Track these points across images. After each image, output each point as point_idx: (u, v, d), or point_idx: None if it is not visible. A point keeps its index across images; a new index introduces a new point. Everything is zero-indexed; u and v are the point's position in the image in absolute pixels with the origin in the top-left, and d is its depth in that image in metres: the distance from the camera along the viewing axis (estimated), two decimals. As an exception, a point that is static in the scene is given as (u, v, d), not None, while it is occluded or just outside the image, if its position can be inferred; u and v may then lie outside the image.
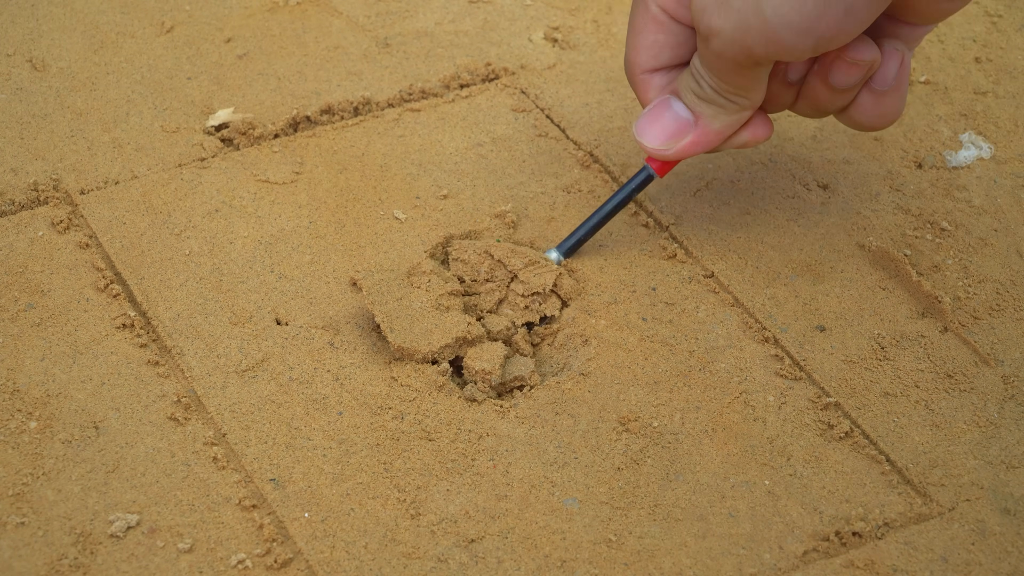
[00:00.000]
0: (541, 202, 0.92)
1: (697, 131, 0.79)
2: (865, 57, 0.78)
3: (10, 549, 0.72)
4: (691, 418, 0.80)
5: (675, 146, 0.80)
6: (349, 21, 1.07)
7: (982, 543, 0.74)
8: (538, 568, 0.72)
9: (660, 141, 0.80)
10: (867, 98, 0.81)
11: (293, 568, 0.72)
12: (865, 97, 0.81)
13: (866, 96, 0.81)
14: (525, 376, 0.82)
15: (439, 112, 0.99)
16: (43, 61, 1.02)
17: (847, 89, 0.80)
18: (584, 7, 1.09)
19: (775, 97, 0.81)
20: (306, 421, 0.78)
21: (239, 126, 0.96)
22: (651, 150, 0.80)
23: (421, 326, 0.82)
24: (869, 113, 0.81)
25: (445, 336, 0.81)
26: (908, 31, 0.80)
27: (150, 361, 0.81)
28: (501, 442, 0.78)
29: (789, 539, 0.74)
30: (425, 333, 0.81)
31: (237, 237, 0.89)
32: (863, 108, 0.81)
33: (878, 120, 0.82)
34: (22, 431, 0.77)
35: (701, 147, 0.80)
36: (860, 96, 0.81)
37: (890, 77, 0.80)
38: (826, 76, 0.79)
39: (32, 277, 0.86)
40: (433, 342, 0.81)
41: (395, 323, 0.82)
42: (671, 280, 0.87)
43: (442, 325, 0.82)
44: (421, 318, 0.82)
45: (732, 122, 0.79)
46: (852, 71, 0.78)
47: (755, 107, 0.80)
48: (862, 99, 0.81)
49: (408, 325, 0.82)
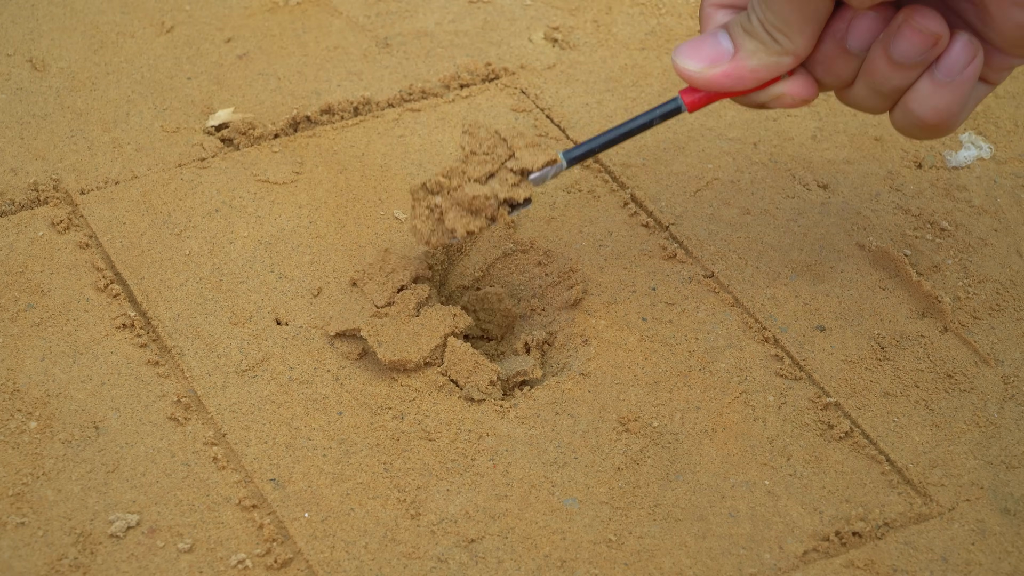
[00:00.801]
0: (541, 202, 0.92)
1: (732, 63, 0.76)
2: (932, 27, 0.73)
3: (10, 549, 0.72)
4: (691, 418, 0.80)
5: (708, 72, 0.76)
6: (349, 21, 1.07)
7: (982, 543, 0.74)
8: (538, 568, 0.72)
9: (694, 63, 0.77)
10: (926, 85, 0.75)
11: (293, 568, 0.72)
12: (925, 84, 0.75)
13: (926, 83, 0.75)
14: (528, 371, 0.82)
15: (439, 112, 0.99)
16: (43, 61, 1.02)
17: (909, 66, 0.74)
18: (584, 7, 1.09)
19: (833, 65, 0.77)
20: (306, 421, 0.78)
21: (239, 126, 0.96)
22: (682, 70, 0.77)
23: (408, 331, 0.82)
24: (925, 104, 0.75)
25: (433, 337, 0.81)
26: (994, 56, 0.76)
27: (150, 361, 0.81)
28: (501, 442, 0.78)
29: (789, 539, 0.74)
30: (413, 338, 0.81)
31: (237, 237, 0.89)
32: (921, 96, 0.75)
33: (932, 114, 0.75)
34: (22, 431, 0.77)
35: (732, 80, 0.77)
36: (920, 81, 0.75)
37: (956, 67, 0.74)
38: (888, 47, 0.74)
39: (32, 277, 0.86)
40: (423, 347, 0.81)
41: (382, 335, 0.81)
42: (671, 280, 0.87)
43: (428, 324, 0.82)
44: (406, 322, 0.82)
45: (769, 64, 0.76)
46: (916, 40, 0.73)
47: (798, 56, 0.76)
48: (921, 85, 0.75)
49: (395, 335, 0.81)
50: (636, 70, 1.03)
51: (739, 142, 0.97)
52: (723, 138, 0.97)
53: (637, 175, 0.94)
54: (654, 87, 1.02)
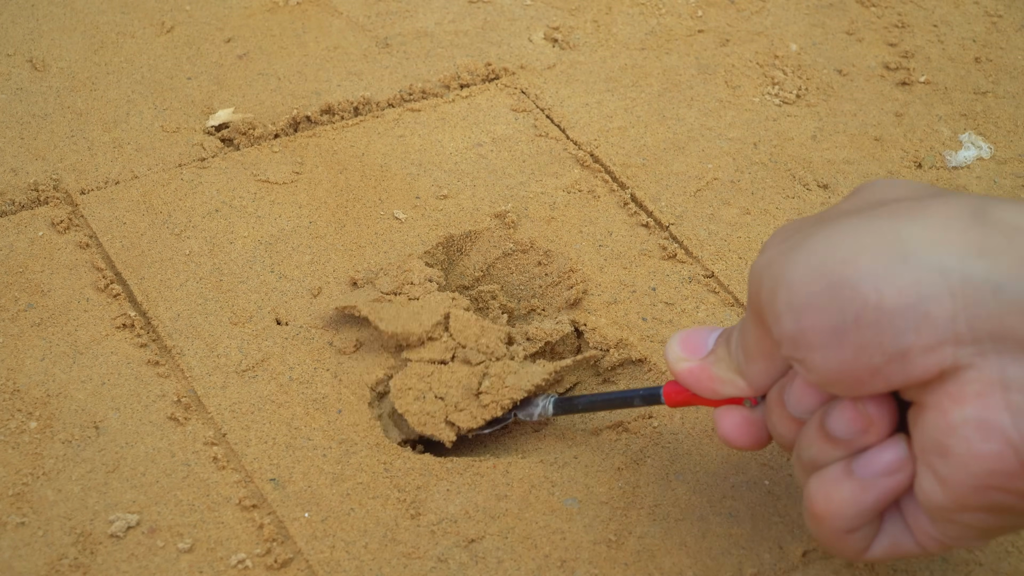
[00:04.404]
0: (541, 202, 0.92)
1: (700, 362, 0.70)
2: (871, 411, 0.63)
3: (10, 549, 0.72)
4: (691, 418, 0.80)
5: (679, 363, 0.70)
6: (349, 21, 1.07)
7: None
8: (538, 568, 0.72)
9: (676, 348, 0.70)
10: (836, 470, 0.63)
11: (293, 568, 0.72)
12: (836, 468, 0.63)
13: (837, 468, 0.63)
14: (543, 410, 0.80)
15: (439, 112, 0.99)
16: (43, 61, 1.02)
17: (833, 439, 0.63)
18: (584, 7, 1.09)
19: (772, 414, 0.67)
20: (306, 421, 0.78)
21: (239, 126, 0.96)
22: (666, 349, 0.71)
23: (408, 310, 0.82)
24: (823, 486, 0.64)
25: (434, 314, 0.82)
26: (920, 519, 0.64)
27: (150, 361, 0.81)
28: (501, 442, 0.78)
29: (789, 539, 0.74)
30: (414, 315, 0.82)
31: (237, 237, 0.89)
32: (825, 478, 0.64)
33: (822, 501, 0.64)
34: (22, 431, 0.77)
35: (692, 378, 0.69)
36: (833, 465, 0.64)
37: (874, 465, 0.63)
38: (825, 412, 0.64)
39: (32, 277, 0.86)
40: (424, 322, 0.81)
41: (382, 314, 0.82)
42: (671, 280, 0.87)
43: (427, 306, 0.82)
44: (404, 305, 0.83)
45: (725, 379, 0.68)
46: (848, 416, 0.63)
47: (751, 383, 0.67)
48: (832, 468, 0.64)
49: (395, 314, 0.82)
50: (636, 70, 1.03)
51: (739, 142, 0.97)
52: (723, 138, 0.97)
53: (637, 175, 0.94)
54: (654, 87, 1.02)
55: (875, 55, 1.06)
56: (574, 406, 0.78)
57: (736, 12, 1.09)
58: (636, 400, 0.75)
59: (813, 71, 1.04)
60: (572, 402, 0.78)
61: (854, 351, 0.60)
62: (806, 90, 1.02)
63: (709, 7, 1.10)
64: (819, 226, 0.63)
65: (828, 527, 0.64)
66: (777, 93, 1.02)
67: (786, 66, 1.04)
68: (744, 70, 1.04)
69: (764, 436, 0.68)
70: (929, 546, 0.63)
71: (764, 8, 1.10)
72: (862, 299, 0.59)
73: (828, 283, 0.60)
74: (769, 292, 0.62)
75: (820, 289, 0.60)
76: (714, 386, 0.68)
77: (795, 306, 0.61)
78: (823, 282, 0.60)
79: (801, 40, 1.07)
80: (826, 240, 0.61)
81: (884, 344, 0.59)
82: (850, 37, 1.07)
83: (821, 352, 0.61)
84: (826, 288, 0.60)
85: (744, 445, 0.69)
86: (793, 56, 1.05)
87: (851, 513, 0.63)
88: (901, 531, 0.64)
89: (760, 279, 0.63)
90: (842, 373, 0.61)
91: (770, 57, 1.05)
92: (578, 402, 0.78)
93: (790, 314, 0.61)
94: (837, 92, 1.02)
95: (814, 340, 0.61)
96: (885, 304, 0.59)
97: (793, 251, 0.62)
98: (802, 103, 1.01)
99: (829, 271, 0.60)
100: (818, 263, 0.61)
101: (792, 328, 0.61)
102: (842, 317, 0.60)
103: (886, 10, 1.10)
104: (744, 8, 1.10)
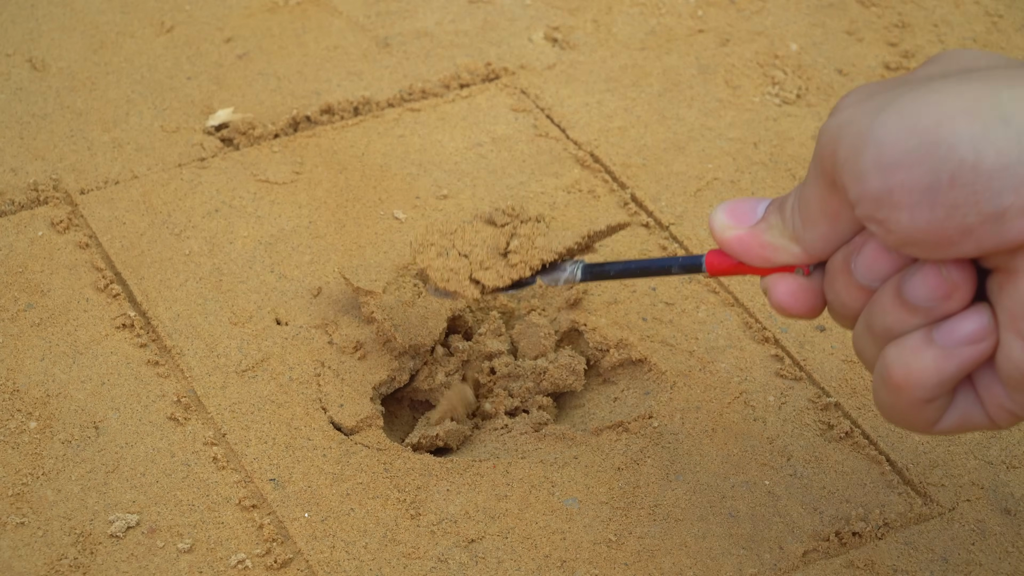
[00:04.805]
0: (541, 202, 0.92)
1: (749, 230, 0.68)
2: (954, 276, 0.61)
3: (10, 549, 0.72)
4: (691, 418, 0.80)
5: (725, 231, 0.68)
6: (349, 21, 1.07)
7: (982, 543, 0.74)
8: (538, 568, 0.72)
9: (722, 216, 0.69)
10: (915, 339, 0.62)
11: (293, 568, 0.72)
12: (915, 337, 0.62)
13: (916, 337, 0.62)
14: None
15: (439, 112, 0.99)
16: (43, 61, 1.02)
17: (912, 307, 0.62)
18: (584, 7, 1.09)
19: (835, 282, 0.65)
20: (306, 421, 0.78)
21: (239, 126, 0.96)
22: (710, 218, 0.70)
23: (417, 314, 0.82)
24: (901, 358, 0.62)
25: (440, 322, 0.83)
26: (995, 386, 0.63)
27: (150, 361, 0.81)
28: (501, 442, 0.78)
29: (789, 539, 0.74)
30: (422, 321, 0.82)
31: (237, 237, 0.89)
32: (903, 348, 0.62)
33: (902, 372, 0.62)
34: (22, 431, 0.77)
35: (741, 246, 0.68)
36: (912, 333, 0.62)
37: (956, 334, 0.61)
38: (901, 280, 0.62)
39: (32, 277, 0.86)
40: (433, 331, 0.82)
41: (396, 318, 0.82)
42: (671, 280, 0.87)
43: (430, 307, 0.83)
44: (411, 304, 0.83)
45: (778, 245, 0.67)
46: (931, 282, 0.61)
47: (807, 250, 0.66)
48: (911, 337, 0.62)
49: (404, 318, 0.82)
50: (636, 70, 1.03)
51: (739, 142, 0.97)
52: (723, 138, 0.98)
53: (637, 175, 0.94)
54: (654, 87, 1.02)
55: (875, 55, 1.06)
56: (605, 272, 0.74)
57: (736, 12, 1.09)
58: (675, 268, 0.72)
59: (813, 71, 1.04)
60: (603, 268, 0.73)
61: (946, 211, 0.59)
62: (806, 90, 1.02)
63: (709, 7, 1.10)
64: (906, 87, 0.62)
65: (907, 397, 0.62)
66: (777, 93, 1.02)
67: (786, 66, 1.04)
68: (744, 70, 1.04)
69: (819, 304, 0.66)
70: (1001, 419, 0.62)
71: (764, 8, 1.10)
72: (959, 158, 0.58)
73: (922, 141, 0.59)
74: (851, 150, 0.61)
75: (913, 147, 0.59)
76: (766, 253, 0.67)
77: (884, 164, 0.60)
78: (916, 140, 0.59)
79: (801, 40, 1.07)
80: (919, 101, 0.60)
81: (980, 204, 0.58)
82: (850, 37, 1.07)
83: (909, 212, 0.59)
84: (920, 146, 0.59)
85: (798, 312, 0.67)
86: (793, 56, 1.05)
87: (932, 383, 0.62)
88: (972, 404, 0.63)
89: (836, 139, 0.62)
90: (929, 233, 0.59)
91: (770, 57, 1.05)
92: (610, 268, 0.73)
93: (877, 172, 0.60)
94: (837, 92, 1.02)
95: (902, 199, 0.59)
96: (983, 164, 0.58)
97: (882, 111, 0.61)
98: (802, 103, 1.01)
99: (923, 130, 0.59)
100: (911, 123, 0.59)
101: (878, 186, 0.60)
102: (936, 176, 0.58)
103: (886, 10, 1.10)
104: (744, 8, 1.10)
